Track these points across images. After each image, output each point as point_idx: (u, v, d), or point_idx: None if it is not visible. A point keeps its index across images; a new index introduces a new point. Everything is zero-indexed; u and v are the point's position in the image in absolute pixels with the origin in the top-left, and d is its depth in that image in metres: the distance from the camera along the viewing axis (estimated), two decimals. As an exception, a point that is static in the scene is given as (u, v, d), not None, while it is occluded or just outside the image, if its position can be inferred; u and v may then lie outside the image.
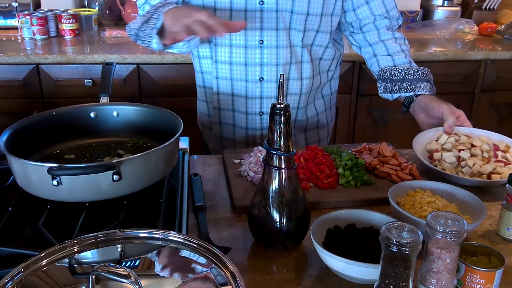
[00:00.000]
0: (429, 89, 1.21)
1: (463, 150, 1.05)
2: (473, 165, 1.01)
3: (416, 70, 1.23)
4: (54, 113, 1.00)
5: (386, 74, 1.25)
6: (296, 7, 1.17)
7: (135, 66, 1.99)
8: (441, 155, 1.05)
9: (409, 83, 1.22)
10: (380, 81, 1.28)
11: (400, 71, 1.23)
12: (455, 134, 1.11)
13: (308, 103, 1.32)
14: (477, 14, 2.60)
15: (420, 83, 1.21)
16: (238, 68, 1.23)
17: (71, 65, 1.95)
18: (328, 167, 1.00)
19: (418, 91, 1.21)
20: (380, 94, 1.30)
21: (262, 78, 1.23)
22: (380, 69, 1.27)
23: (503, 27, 2.46)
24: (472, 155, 1.04)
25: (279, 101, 0.75)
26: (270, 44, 1.20)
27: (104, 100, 1.07)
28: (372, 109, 2.17)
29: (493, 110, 2.26)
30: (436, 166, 1.02)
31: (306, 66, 1.26)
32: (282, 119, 0.75)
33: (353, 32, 1.33)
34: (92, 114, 1.05)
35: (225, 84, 1.26)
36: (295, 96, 1.28)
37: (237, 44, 1.21)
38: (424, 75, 1.23)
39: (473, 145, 1.07)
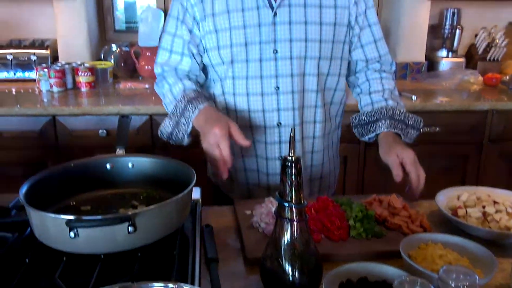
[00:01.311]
0: (387, 126, 1.24)
1: (487, 206, 1.06)
2: (500, 219, 1.02)
3: (376, 111, 1.27)
4: (72, 165, 1.03)
5: (356, 121, 1.33)
6: (308, 52, 1.23)
7: (148, 116, 2.05)
8: (466, 211, 1.06)
9: (372, 124, 1.27)
10: (353, 127, 1.35)
11: (365, 115, 1.30)
12: (475, 192, 1.12)
13: (321, 149, 1.35)
14: (481, 65, 2.67)
15: (379, 122, 1.25)
16: (256, 115, 1.28)
17: (86, 116, 2.01)
18: (339, 219, 1.01)
19: (378, 131, 1.25)
20: (360, 139, 1.35)
21: (280, 123, 1.28)
22: (352, 116, 1.35)
23: (508, 77, 2.51)
24: (497, 211, 1.05)
25: (290, 154, 0.78)
26: (286, 90, 1.25)
27: (120, 151, 1.11)
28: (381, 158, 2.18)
29: (503, 161, 2.27)
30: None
31: (319, 111, 1.30)
32: (293, 171, 0.77)
33: (348, 74, 1.39)
34: (108, 166, 1.08)
35: (244, 132, 1.30)
36: (309, 139, 1.32)
37: (254, 92, 1.26)
38: (383, 113, 1.26)
39: (495, 202, 1.08)
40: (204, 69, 1.34)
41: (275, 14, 1.21)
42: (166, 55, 1.32)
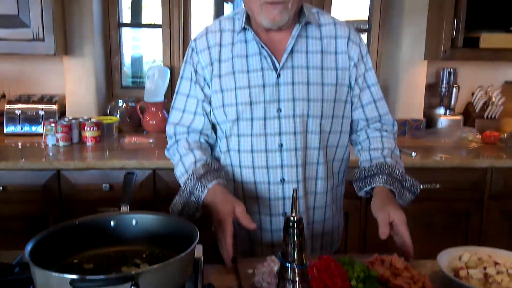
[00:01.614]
0: (383, 182, 1.26)
1: (488, 267, 1.06)
2: (501, 281, 1.02)
3: (375, 165, 1.30)
4: (77, 222, 1.05)
5: (356, 175, 1.36)
6: (311, 111, 1.28)
7: (151, 171, 2.07)
8: (467, 272, 1.06)
9: (369, 178, 1.30)
10: (353, 182, 1.37)
11: (365, 169, 1.33)
12: (476, 253, 1.13)
13: (323, 205, 1.37)
14: (479, 122, 2.72)
15: (377, 176, 1.28)
16: (260, 172, 1.31)
17: (90, 170, 2.04)
18: (341, 279, 1.01)
19: (374, 184, 1.28)
20: (358, 194, 1.36)
21: (284, 180, 1.30)
22: (354, 171, 1.38)
23: (506, 135, 2.56)
24: (498, 272, 1.05)
25: (293, 214, 0.79)
26: (289, 147, 1.28)
27: (124, 209, 1.12)
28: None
29: (504, 218, 2.27)
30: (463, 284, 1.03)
31: (321, 167, 1.33)
32: (296, 232, 0.78)
33: (350, 133, 1.43)
34: (112, 223, 1.09)
35: (249, 187, 1.33)
36: (312, 195, 1.34)
37: (259, 149, 1.29)
38: (382, 168, 1.28)
39: (496, 263, 1.08)
40: (213, 127, 1.39)
41: (278, 76, 1.27)
42: (179, 115, 1.37)
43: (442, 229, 2.23)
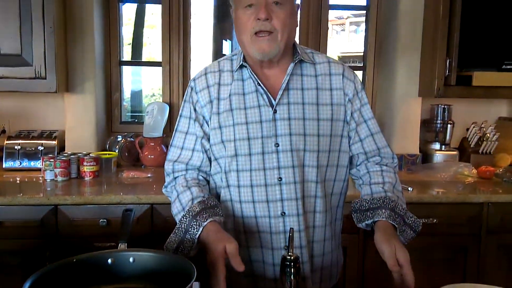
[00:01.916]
0: (387, 216, 1.26)
1: None
2: None
3: (379, 199, 1.30)
4: (74, 260, 1.05)
5: (357, 205, 1.35)
6: (307, 146, 1.30)
7: (149, 206, 2.08)
8: None
9: (372, 211, 1.29)
10: (353, 212, 1.36)
11: (367, 201, 1.32)
12: None
13: (322, 239, 1.37)
14: (474, 157, 2.75)
15: (380, 210, 1.28)
16: (261, 206, 1.31)
17: (88, 205, 2.04)
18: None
19: (376, 218, 1.27)
20: (357, 225, 1.36)
21: (284, 213, 1.31)
22: (352, 200, 1.37)
23: (501, 170, 2.58)
24: None
25: (289, 253, 0.81)
26: (288, 181, 1.30)
27: (122, 246, 1.13)
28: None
29: (502, 253, 2.26)
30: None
31: (319, 201, 1.34)
32: (292, 271, 0.80)
33: (351, 168, 1.44)
34: (109, 261, 1.09)
35: (250, 222, 1.33)
36: (311, 229, 1.34)
37: (258, 183, 1.31)
38: (385, 203, 1.29)
39: None
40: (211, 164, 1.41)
41: (275, 112, 1.30)
42: (178, 152, 1.40)
43: (440, 264, 2.22)
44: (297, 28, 1.37)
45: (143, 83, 3.59)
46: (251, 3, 1.25)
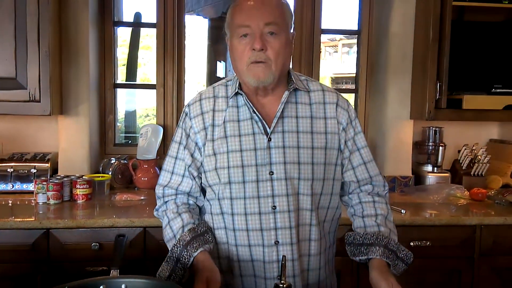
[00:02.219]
0: (380, 254, 1.28)
1: None
2: None
3: (372, 235, 1.31)
4: (66, 287, 1.04)
5: (351, 238, 1.36)
6: (302, 174, 1.30)
7: (142, 229, 2.06)
8: None
9: (366, 247, 1.30)
10: (346, 245, 1.37)
11: (361, 235, 1.33)
12: None
13: (317, 267, 1.37)
14: (466, 179, 2.76)
15: (374, 247, 1.29)
16: (254, 234, 1.31)
17: (80, 229, 2.03)
18: None
19: (371, 255, 1.28)
20: (350, 257, 1.37)
21: (278, 242, 1.30)
22: (346, 233, 1.38)
23: (493, 192, 2.60)
24: None
25: (282, 281, 0.81)
26: (282, 209, 1.30)
27: (114, 273, 1.13)
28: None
29: (495, 275, 2.26)
30: None
31: (314, 229, 1.34)
32: (284, 299, 0.79)
33: (342, 195, 1.45)
34: (101, 288, 1.09)
35: (243, 250, 1.33)
36: (305, 257, 1.34)
37: (252, 211, 1.31)
38: (379, 239, 1.30)
39: None
40: (203, 190, 1.41)
41: (269, 140, 1.31)
42: (168, 176, 1.40)
43: (434, 286, 2.22)
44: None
45: (137, 103, 3.60)
46: (246, 33, 1.27)
